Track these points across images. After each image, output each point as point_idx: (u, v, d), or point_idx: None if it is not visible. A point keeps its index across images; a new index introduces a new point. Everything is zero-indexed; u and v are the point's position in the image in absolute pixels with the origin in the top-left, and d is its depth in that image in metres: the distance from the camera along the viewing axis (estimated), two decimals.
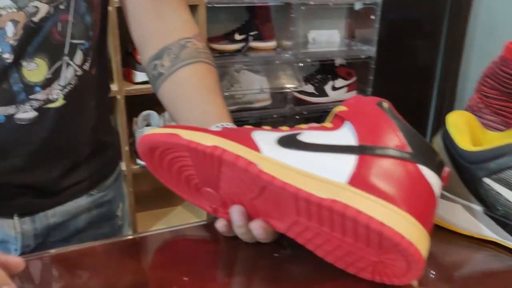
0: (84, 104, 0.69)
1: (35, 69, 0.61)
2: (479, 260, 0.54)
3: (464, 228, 0.55)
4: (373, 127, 0.45)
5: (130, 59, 1.69)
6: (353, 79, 2.08)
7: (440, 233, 0.57)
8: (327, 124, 0.48)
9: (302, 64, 1.99)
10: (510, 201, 0.51)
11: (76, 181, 0.70)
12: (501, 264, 0.52)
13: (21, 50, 0.60)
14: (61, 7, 0.61)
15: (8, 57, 0.59)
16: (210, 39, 1.90)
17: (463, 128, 0.56)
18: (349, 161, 0.44)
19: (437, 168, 0.45)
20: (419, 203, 0.43)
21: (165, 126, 0.50)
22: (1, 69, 0.59)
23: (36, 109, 0.63)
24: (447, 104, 2.42)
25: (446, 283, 0.49)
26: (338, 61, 2.11)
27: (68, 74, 0.64)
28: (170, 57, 0.68)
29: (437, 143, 0.57)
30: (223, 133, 0.47)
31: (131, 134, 1.73)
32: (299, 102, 2.01)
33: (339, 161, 0.44)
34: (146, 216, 1.86)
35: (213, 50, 1.89)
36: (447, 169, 0.46)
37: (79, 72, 0.65)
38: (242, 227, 0.49)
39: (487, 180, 0.52)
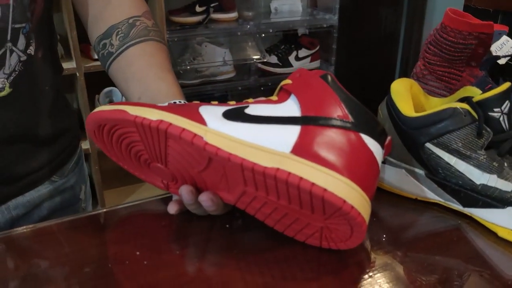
0: (33, 89, 0.68)
1: None
2: (424, 221, 0.56)
3: (409, 191, 0.58)
4: (316, 99, 0.47)
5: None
6: (316, 48, 2.09)
7: (387, 197, 0.59)
8: (273, 97, 0.50)
9: (264, 35, 1.98)
10: (450, 164, 0.53)
11: (35, 168, 0.69)
12: (444, 224, 0.55)
13: None
14: None
15: None
16: (170, 12, 1.87)
17: (406, 95, 0.57)
18: (292, 132, 0.45)
19: (379, 137, 0.47)
20: (361, 170, 0.44)
21: (113, 103, 0.50)
22: None
23: None
24: (411, 69, 2.46)
25: (395, 245, 0.51)
26: (301, 31, 2.11)
27: (12, 61, 0.62)
28: (119, 36, 0.67)
29: (382, 110, 0.59)
30: (170, 108, 0.48)
31: None
32: (263, 73, 2.01)
33: (283, 132, 0.45)
34: (114, 194, 1.85)
35: (173, 23, 1.86)
36: (388, 138, 0.48)
37: (23, 58, 0.64)
38: (192, 204, 0.51)
39: (428, 145, 0.54)
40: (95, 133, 0.51)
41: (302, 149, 0.44)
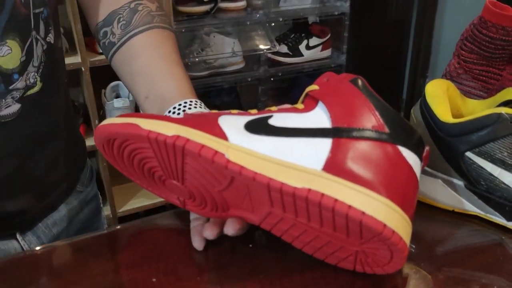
0: (58, 83, 0.63)
1: (8, 54, 0.53)
2: (462, 235, 0.52)
3: (446, 203, 0.53)
4: (348, 107, 0.42)
5: None
6: (328, 36, 2.03)
7: (421, 208, 0.54)
8: (298, 105, 0.45)
9: (273, 24, 1.92)
10: (493, 175, 0.49)
11: (62, 177, 0.65)
12: (484, 239, 0.50)
13: (2, 37, 0.52)
14: None
15: None
16: (177, 1, 1.81)
17: (443, 98, 0.53)
18: (323, 146, 0.41)
19: (417, 148, 0.42)
20: (400, 187, 0.40)
21: (123, 115, 0.45)
22: None
23: (18, 100, 0.55)
24: (423, 57, 2.40)
25: (429, 259, 0.47)
26: (312, 19, 2.05)
27: (39, 51, 0.57)
28: (121, 23, 0.62)
29: (416, 115, 0.54)
30: (187, 121, 0.43)
31: (100, 107, 1.66)
32: (273, 63, 1.96)
33: (313, 146, 0.41)
34: (123, 190, 1.82)
35: (180, 13, 1.80)
36: (426, 148, 0.43)
37: (45, 46, 0.58)
38: (216, 235, 0.47)
39: (469, 154, 0.49)
40: (104, 147, 0.46)
41: (335, 165, 0.39)
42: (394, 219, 0.38)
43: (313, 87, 0.45)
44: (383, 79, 2.45)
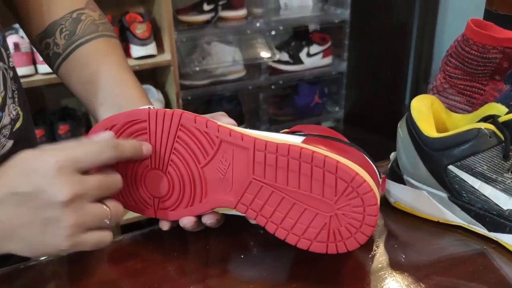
0: (27, 107, 0.63)
1: None
2: (446, 245, 0.54)
3: (431, 214, 0.55)
4: (318, 130, 0.50)
5: (127, 33, 1.64)
6: (328, 44, 2.05)
7: (408, 219, 0.57)
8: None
9: (274, 32, 1.94)
10: (474, 188, 0.51)
11: None
12: (467, 248, 0.52)
13: None
14: None
15: None
16: (178, 11, 1.84)
17: (427, 114, 0.55)
18: (299, 138, 0.48)
19: (377, 168, 0.49)
20: (367, 169, 0.45)
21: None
22: None
23: (9, 137, 0.56)
24: (425, 63, 2.41)
25: (416, 269, 0.49)
26: (312, 27, 2.07)
27: (9, 81, 0.57)
28: (64, 34, 0.61)
29: (402, 129, 0.56)
30: None
31: None
32: (274, 71, 1.98)
33: (290, 137, 0.48)
34: None
35: (181, 22, 1.83)
36: (383, 176, 0.51)
37: (11, 73, 0.58)
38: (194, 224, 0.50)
39: (451, 167, 0.51)
40: None
41: (310, 144, 0.46)
42: (364, 174, 0.44)
43: (285, 130, 0.52)
44: (386, 85, 2.47)
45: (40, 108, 1.66)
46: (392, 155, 0.60)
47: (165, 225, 0.51)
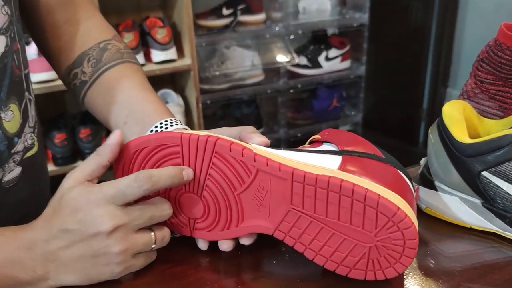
0: (42, 140, 0.64)
1: (12, 118, 0.54)
2: (480, 252, 0.53)
3: (464, 220, 0.54)
4: (350, 141, 0.49)
5: (148, 38, 1.66)
6: (347, 48, 2.04)
7: (439, 225, 0.56)
8: (305, 146, 0.51)
9: (292, 37, 1.95)
10: (509, 194, 0.50)
11: None
12: (502, 256, 0.52)
13: (6, 102, 0.53)
14: (12, 35, 0.54)
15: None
16: (197, 16, 1.85)
17: (459, 119, 0.54)
18: (335, 158, 0.46)
19: (410, 179, 0.48)
20: (404, 194, 0.44)
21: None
22: None
23: (19, 163, 0.56)
24: (444, 66, 2.39)
25: (448, 276, 0.48)
26: (331, 31, 2.07)
27: (33, 111, 0.58)
28: (91, 62, 0.63)
29: (433, 135, 0.56)
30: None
31: None
32: (293, 75, 1.98)
33: (326, 158, 0.46)
34: None
35: (200, 27, 1.84)
36: (416, 186, 0.51)
37: (32, 105, 0.59)
38: (232, 246, 0.50)
39: (485, 174, 0.51)
40: (124, 165, 0.49)
41: (347, 171, 0.45)
42: (405, 206, 0.43)
43: (316, 136, 0.51)
44: (404, 89, 2.45)
45: (61, 113, 1.68)
46: (423, 161, 0.59)
47: (203, 246, 0.51)
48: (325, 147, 0.49)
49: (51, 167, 1.59)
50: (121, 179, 0.46)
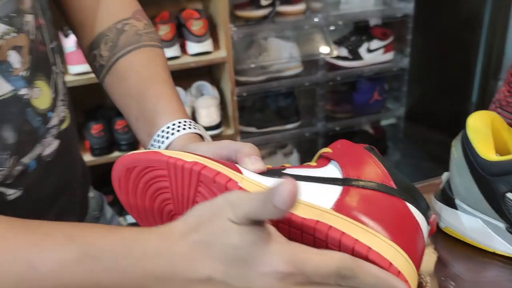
0: (73, 112, 0.63)
1: (40, 95, 0.54)
2: (501, 278, 0.49)
3: (486, 244, 0.50)
4: (358, 164, 0.44)
5: (184, 30, 1.65)
6: (390, 39, 1.96)
7: (459, 246, 0.52)
8: (311, 163, 0.47)
9: (333, 28, 1.88)
10: None
11: (75, 203, 0.65)
12: None
13: (31, 79, 0.52)
14: (36, 11, 0.53)
15: (25, 92, 0.51)
16: (235, 6, 1.82)
17: (485, 133, 0.49)
18: (334, 190, 0.42)
19: (425, 211, 0.43)
20: (407, 237, 0.40)
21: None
22: (20, 110, 0.51)
23: (56, 137, 0.56)
24: (495, 58, 2.26)
25: None
26: (373, 21, 1.99)
27: (61, 84, 0.58)
28: (108, 45, 0.60)
29: (456, 149, 0.52)
30: (207, 156, 0.45)
31: None
32: (332, 67, 1.92)
33: (323, 190, 0.42)
34: None
35: (238, 17, 1.81)
36: (433, 216, 0.44)
37: (63, 78, 0.59)
38: None
39: (510, 195, 0.46)
40: (120, 180, 0.47)
41: (344, 207, 0.40)
42: (400, 260, 0.38)
43: (326, 149, 0.47)
44: (451, 82, 2.34)
45: (99, 104, 1.71)
46: (445, 176, 0.55)
47: None
48: (329, 169, 0.44)
49: (88, 157, 1.62)
50: None
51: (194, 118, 1.73)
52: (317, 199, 0.41)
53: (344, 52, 1.94)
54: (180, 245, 0.37)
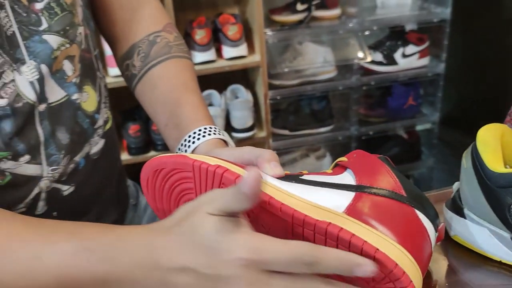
0: (111, 111, 0.69)
1: (88, 98, 0.59)
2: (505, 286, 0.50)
3: (493, 253, 0.52)
4: (371, 172, 0.47)
5: (220, 35, 1.70)
6: (426, 44, 1.95)
7: (467, 254, 0.53)
8: (328, 170, 0.50)
9: (367, 33, 1.89)
10: None
11: (113, 193, 0.70)
12: None
13: (81, 85, 0.57)
14: (83, 22, 0.59)
15: (77, 97, 0.57)
16: (271, 11, 1.86)
17: (494, 145, 0.51)
18: (347, 195, 0.45)
19: (433, 219, 0.45)
20: (414, 242, 0.42)
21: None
22: (72, 113, 0.57)
23: (102, 136, 0.62)
24: None
25: None
26: (409, 26, 1.98)
27: (103, 88, 0.64)
28: (140, 56, 0.65)
29: (467, 160, 0.53)
30: (229, 160, 0.48)
31: None
32: (366, 72, 1.93)
33: (337, 195, 0.45)
34: None
35: (274, 22, 1.85)
36: (442, 224, 0.46)
37: (105, 82, 0.65)
38: None
39: None
40: (148, 180, 0.51)
41: (355, 211, 0.43)
42: (405, 262, 0.40)
43: (343, 159, 0.49)
44: (490, 87, 2.29)
45: (136, 105, 1.77)
46: (455, 185, 0.56)
47: None
48: (344, 176, 0.47)
49: (125, 156, 1.69)
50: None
51: (228, 120, 1.77)
52: (331, 203, 0.44)
53: (379, 57, 1.94)
54: (162, 237, 0.40)
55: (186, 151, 0.58)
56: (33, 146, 0.54)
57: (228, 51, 1.68)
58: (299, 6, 1.86)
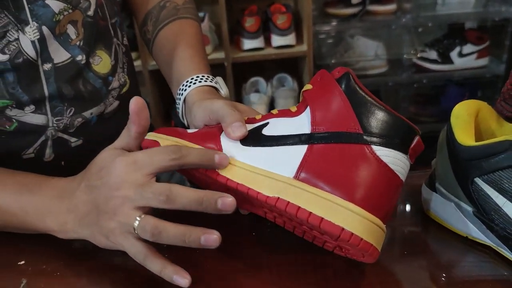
0: (136, 79, 0.75)
1: (100, 62, 0.65)
2: (473, 265, 0.50)
3: (459, 228, 0.51)
4: (326, 106, 0.44)
5: (269, 23, 1.75)
6: (485, 44, 1.87)
7: (439, 230, 0.53)
8: (292, 108, 0.49)
9: (424, 28, 1.85)
10: (498, 206, 0.46)
11: None
12: (494, 272, 0.48)
13: (87, 48, 0.63)
14: None
15: (81, 58, 0.62)
16: (326, 4, 1.87)
17: (467, 120, 0.51)
18: (298, 153, 0.44)
19: (402, 143, 0.43)
20: (369, 189, 0.41)
21: (156, 130, 0.53)
22: (79, 72, 0.62)
23: (116, 98, 0.68)
24: None
25: (434, 282, 0.47)
26: (469, 24, 1.91)
27: (120, 55, 0.69)
28: (152, 21, 0.70)
29: (442, 133, 0.53)
30: (193, 137, 0.50)
31: (239, 100, 1.82)
32: (419, 69, 1.88)
33: (289, 154, 0.44)
34: None
35: (328, 15, 1.85)
36: (416, 138, 0.44)
37: (124, 49, 0.70)
38: None
39: (477, 180, 0.47)
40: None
41: (305, 173, 0.43)
42: (354, 221, 0.40)
43: (307, 86, 0.48)
44: None
45: None
46: (434, 162, 0.56)
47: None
48: (302, 120, 0.46)
49: None
50: (154, 149, 0.46)
51: (272, 107, 1.80)
52: (283, 167, 0.44)
53: (433, 54, 1.89)
54: (74, 180, 0.50)
55: (179, 100, 0.62)
56: (38, 99, 0.60)
57: (276, 40, 1.71)
58: (354, 0, 1.86)
